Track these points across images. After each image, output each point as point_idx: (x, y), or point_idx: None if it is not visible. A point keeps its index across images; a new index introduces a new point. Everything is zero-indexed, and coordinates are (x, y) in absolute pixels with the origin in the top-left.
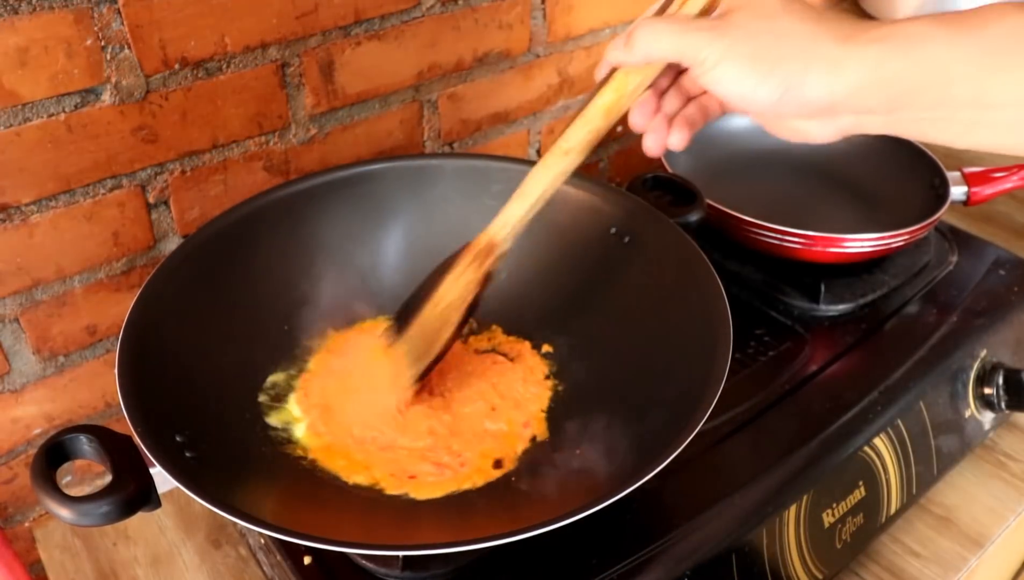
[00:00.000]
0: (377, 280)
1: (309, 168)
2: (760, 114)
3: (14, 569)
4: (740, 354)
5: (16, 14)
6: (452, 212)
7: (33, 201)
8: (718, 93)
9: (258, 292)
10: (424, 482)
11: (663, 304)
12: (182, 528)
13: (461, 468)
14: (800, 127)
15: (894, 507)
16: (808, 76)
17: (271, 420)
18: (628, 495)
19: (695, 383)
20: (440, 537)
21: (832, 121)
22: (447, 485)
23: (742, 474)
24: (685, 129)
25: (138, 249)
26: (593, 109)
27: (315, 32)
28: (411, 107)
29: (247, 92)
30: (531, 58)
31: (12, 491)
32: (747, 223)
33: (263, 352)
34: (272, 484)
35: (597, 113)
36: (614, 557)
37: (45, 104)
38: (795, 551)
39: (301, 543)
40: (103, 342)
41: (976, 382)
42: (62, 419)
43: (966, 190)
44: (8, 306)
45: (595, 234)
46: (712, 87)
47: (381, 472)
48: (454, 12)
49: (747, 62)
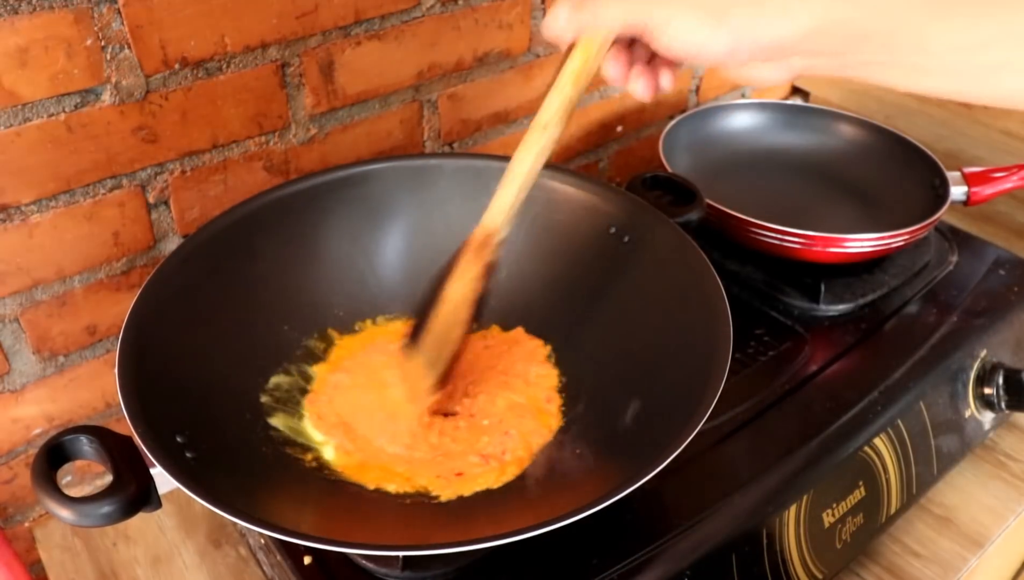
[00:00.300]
0: (377, 279)
1: (309, 168)
2: (714, 63)
3: (14, 569)
4: (740, 354)
5: (16, 14)
6: (452, 212)
7: (33, 201)
8: (672, 51)
9: (258, 292)
10: (472, 476)
11: (663, 304)
12: (182, 528)
13: (504, 455)
14: (753, 72)
15: (894, 507)
16: (759, 21)
17: (274, 422)
18: (628, 495)
19: (695, 383)
20: (440, 537)
21: (783, 64)
22: (497, 475)
23: (742, 474)
24: (668, 70)
25: (138, 249)
26: (563, 78)
27: (315, 32)
28: (411, 107)
29: (247, 92)
30: (531, 58)
31: (12, 491)
32: (747, 223)
33: (264, 352)
34: (272, 484)
35: (567, 81)
36: (614, 557)
37: (45, 104)
38: (795, 551)
39: (301, 543)
40: (103, 342)
41: (976, 382)
42: (62, 419)
43: (966, 190)
44: (8, 306)
45: (595, 234)
46: (667, 47)
47: (427, 478)
48: (454, 12)
49: (697, 15)
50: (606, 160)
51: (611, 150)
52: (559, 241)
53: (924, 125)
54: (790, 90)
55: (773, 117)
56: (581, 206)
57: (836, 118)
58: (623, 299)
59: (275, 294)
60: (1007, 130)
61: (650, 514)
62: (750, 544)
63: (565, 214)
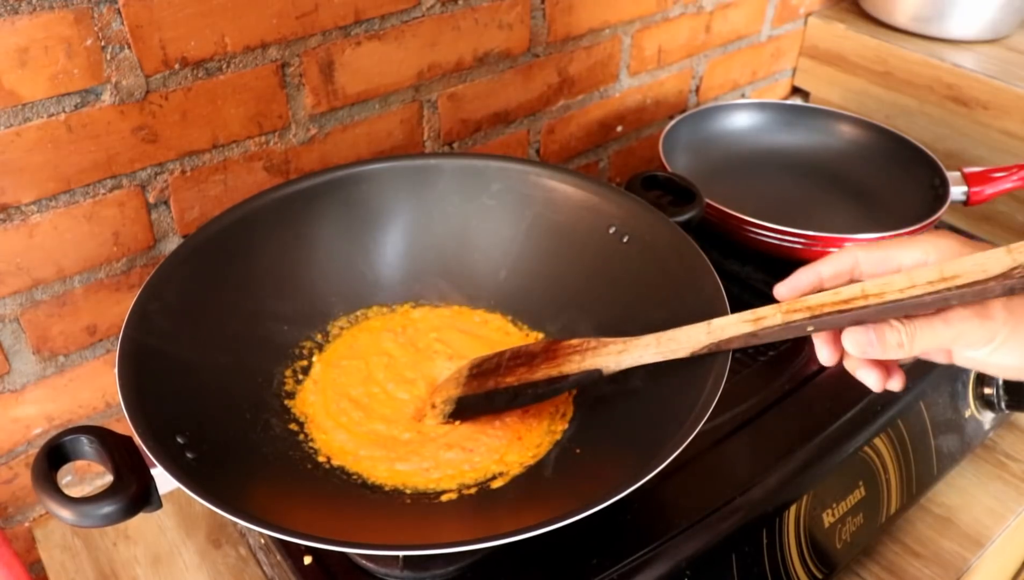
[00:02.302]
0: (376, 279)
1: (309, 168)
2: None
3: (14, 569)
4: (740, 354)
5: (16, 14)
6: (451, 212)
7: (33, 201)
8: (985, 369)
9: (258, 292)
10: (472, 475)
11: (662, 303)
12: (182, 528)
13: (504, 455)
14: None
15: (894, 507)
16: None
17: (274, 421)
18: (628, 495)
19: (695, 383)
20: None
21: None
22: (497, 475)
23: (742, 474)
24: (899, 374)
25: (138, 249)
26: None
27: (315, 32)
28: (411, 107)
29: (247, 92)
30: (531, 58)
31: (12, 491)
32: (747, 223)
33: (264, 352)
34: (273, 484)
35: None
36: (614, 557)
37: (45, 104)
38: (795, 551)
39: (301, 543)
40: (103, 342)
41: (976, 382)
42: (62, 419)
43: (966, 190)
44: (8, 306)
45: (594, 233)
46: (982, 366)
47: (427, 476)
48: (454, 12)
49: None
50: (606, 160)
51: (611, 150)
52: (559, 241)
53: (924, 125)
54: (790, 90)
55: (773, 117)
56: (581, 206)
57: (836, 118)
58: (623, 299)
59: (275, 294)
60: (1007, 130)
61: (650, 514)
62: (750, 544)
63: (565, 214)
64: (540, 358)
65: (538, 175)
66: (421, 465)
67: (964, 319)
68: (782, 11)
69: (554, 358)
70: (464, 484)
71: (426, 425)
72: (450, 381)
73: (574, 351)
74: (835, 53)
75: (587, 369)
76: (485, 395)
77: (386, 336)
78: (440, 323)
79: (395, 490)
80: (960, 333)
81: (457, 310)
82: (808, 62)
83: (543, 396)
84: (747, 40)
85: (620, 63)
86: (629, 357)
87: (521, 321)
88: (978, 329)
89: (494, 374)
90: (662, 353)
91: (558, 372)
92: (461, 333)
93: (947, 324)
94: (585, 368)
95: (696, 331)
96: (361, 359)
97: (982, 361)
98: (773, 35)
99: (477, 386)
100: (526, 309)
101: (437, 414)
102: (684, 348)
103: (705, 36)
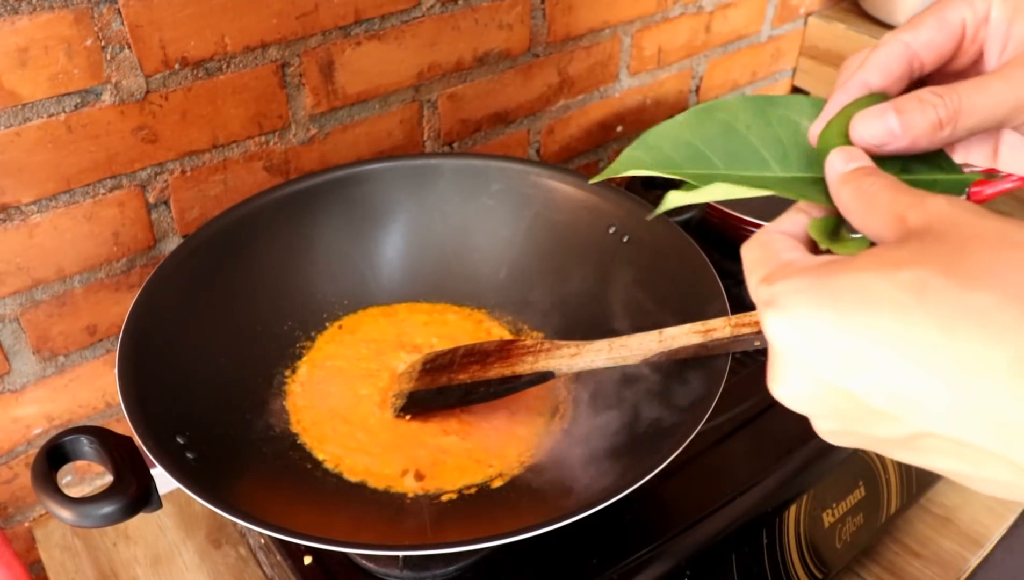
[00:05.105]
0: (376, 279)
1: (309, 168)
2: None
3: (14, 569)
4: (740, 354)
5: (16, 14)
6: (451, 212)
7: (33, 201)
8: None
9: (258, 292)
10: (472, 475)
11: (662, 304)
12: (182, 528)
13: (504, 455)
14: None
15: (894, 507)
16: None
17: (274, 421)
18: (628, 495)
19: (695, 383)
20: (440, 537)
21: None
22: (497, 475)
23: (742, 474)
24: None
25: (138, 249)
26: None
27: (315, 32)
28: (411, 107)
29: (247, 92)
30: (531, 58)
31: (12, 491)
32: (747, 223)
33: (264, 352)
34: (273, 484)
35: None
36: (614, 557)
37: (45, 104)
38: (795, 551)
39: (301, 543)
40: (103, 342)
41: None
42: (62, 419)
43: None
44: (8, 306)
45: (594, 233)
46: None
47: (426, 475)
48: (454, 12)
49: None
50: (606, 160)
51: (611, 150)
52: (559, 241)
53: None
54: (790, 90)
55: None
56: (581, 206)
57: None
58: (622, 299)
59: (275, 293)
60: None
61: (650, 514)
62: (750, 544)
63: (565, 214)
64: (494, 357)
65: (538, 175)
66: (418, 463)
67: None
68: (782, 11)
69: (508, 358)
70: (464, 484)
71: (410, 427)
72: (404, 375)
73: (528, 352)
74: (835, 53)
75: (540, 370)
76: (437, 390)
77: (385, 332)
78: (439, 322)
79: (395, 490)
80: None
81: (457, 310)
82: (808, 62)
83: (495, 394)
84: (747, 40)
85: (620, 63)
86: (581, 361)
87: (521, 320)
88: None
89: (447, 370)
90: (613, 359)
91: (511, 372)
92: (460, 333)
93: (1007, 82)
94: (538, 369)
95: (648, 339)
96: (360, 357)
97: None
98: (773, 35)
99: (430, 381)
100: (526, 308)
101: (388, 407)
102: (635, 355)
103: (705, 36)
